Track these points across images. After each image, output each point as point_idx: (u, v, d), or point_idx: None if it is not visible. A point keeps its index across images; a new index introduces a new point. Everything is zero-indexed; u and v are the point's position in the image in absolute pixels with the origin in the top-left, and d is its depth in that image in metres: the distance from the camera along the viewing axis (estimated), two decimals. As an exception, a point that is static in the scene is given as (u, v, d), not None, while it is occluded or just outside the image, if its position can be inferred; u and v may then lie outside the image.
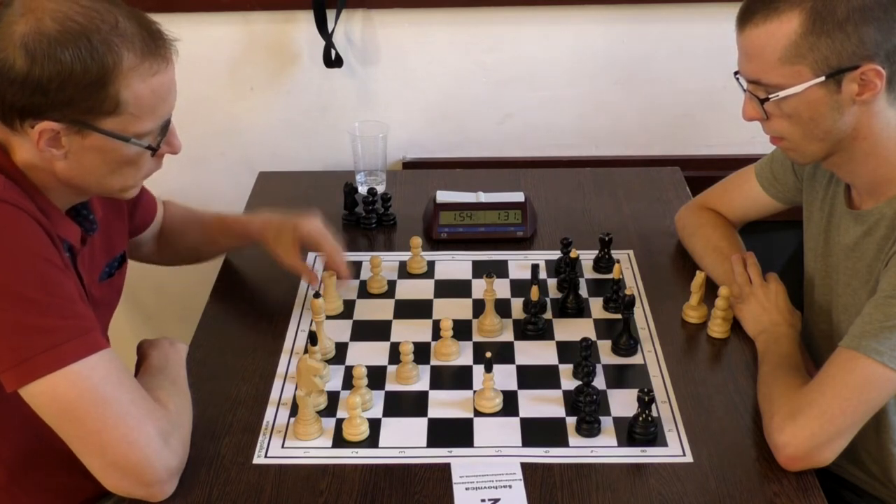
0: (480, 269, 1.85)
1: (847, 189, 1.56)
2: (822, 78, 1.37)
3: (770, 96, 1.42)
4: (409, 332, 1.67)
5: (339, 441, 1.45)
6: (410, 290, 1.80)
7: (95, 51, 1.23)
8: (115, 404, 1.27)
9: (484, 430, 1.47)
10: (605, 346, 1.64)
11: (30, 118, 1.25)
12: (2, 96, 1.24)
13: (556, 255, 1.85)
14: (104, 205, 1.50)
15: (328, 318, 1.68)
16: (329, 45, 2.18)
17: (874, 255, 1.48)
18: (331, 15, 2.16)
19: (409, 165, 2.35)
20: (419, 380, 1.57)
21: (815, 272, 1.64)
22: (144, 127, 1.31)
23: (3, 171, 1.30)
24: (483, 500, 1.34)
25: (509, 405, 1.51)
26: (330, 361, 1.61)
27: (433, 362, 1.61)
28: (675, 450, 1.43)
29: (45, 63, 1.21)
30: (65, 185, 1.34)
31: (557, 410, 1.51)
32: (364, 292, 1.79)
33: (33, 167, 1.32)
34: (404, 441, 1.45)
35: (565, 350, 1.63)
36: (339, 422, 1.47)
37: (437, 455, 1.42)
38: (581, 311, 1.73)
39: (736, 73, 1.48)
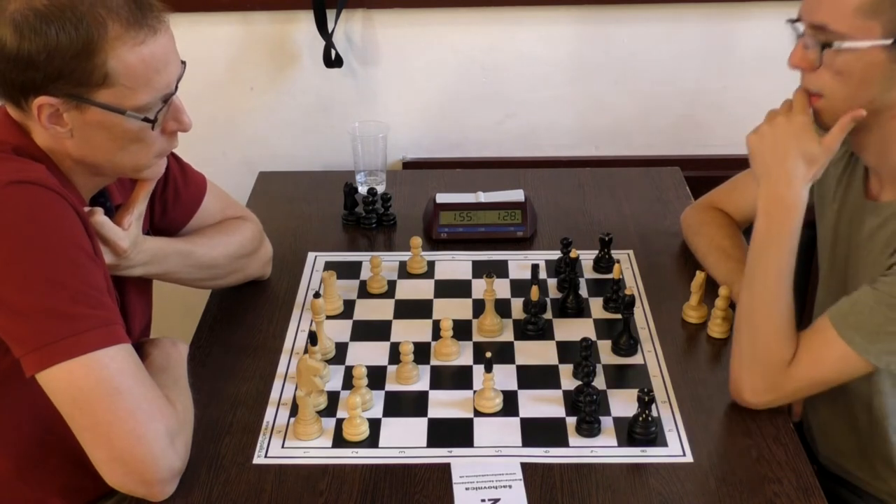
0: (480, 269, 1.85)
1: (865, 179, 1.52)
2: (890, 41, 1.32)
3: (833, 43, 1.35)
4: (409, 332, 1.67)
5: (339, 441, 1.45)
6: (410, 290, 1.80)
7: (80, 22, 1.24)
8: (128, 397, 1.27)
9: (484, 430, 1.47)
10: (605, 346, 1.64)
11: (31, 95, 1.28)
12: (1, 75, 1.27)
13: (556, 255, 1.85)
14: (124, 194, 1.50)
15: (328, 318, 1.68)
16: (329, 45, 2.19)
17: (881, 247, 1.44)
18: (331, 15, 2.16)
19: (409, 165, 2.35)
20: (419, 380, 1.57)
21: (828, 267, 1.61)
22: (141, 100, 1.31)
23: (34, 156, 1.33)
24: (483, 500, 1.34)
25: (509, 405, 1.51)
26: (330, 361, 1.61)
27: (433, 362, 1.61)
28: (675, 450, 1.43)
29: (32, 38, 1.24)
30: (80, 165, 1.36)
31: (557, 410, 1.51)
32: (364, 292, 1.79)
33: (54, 151, 1.34)
34: (404, 441, 1.45)
35: (565, 350, 1.63)
36: (339, 422, 1.47)
37: (437, 455, 1.42)
38: (581, 311, 1.73)
39: (792, 19, 1.41)
